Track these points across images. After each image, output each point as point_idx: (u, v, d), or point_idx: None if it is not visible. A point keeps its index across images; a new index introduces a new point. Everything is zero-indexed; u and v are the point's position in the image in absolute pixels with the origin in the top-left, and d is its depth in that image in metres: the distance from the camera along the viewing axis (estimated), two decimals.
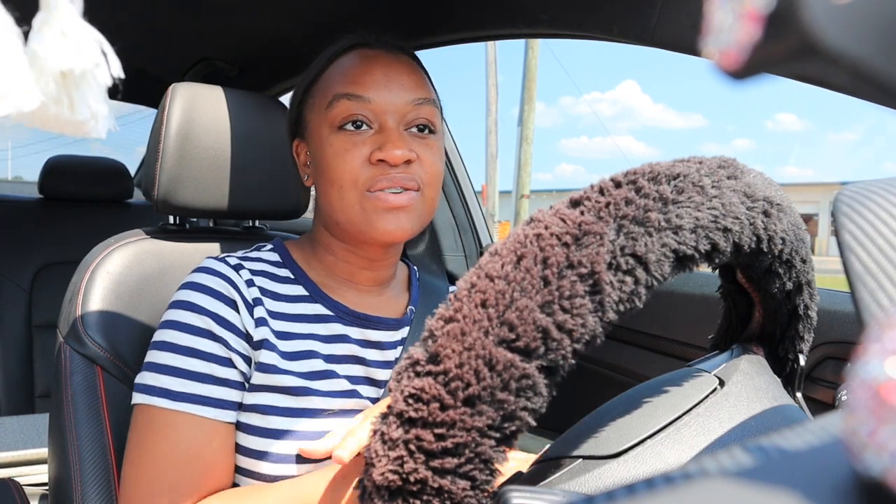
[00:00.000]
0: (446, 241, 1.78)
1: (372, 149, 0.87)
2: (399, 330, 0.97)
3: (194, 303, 0.84)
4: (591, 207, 0.40)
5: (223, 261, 0.89)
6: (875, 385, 0.17)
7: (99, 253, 1.08)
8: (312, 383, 0.86)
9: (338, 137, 0.89)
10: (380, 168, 0.87)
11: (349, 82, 0.90)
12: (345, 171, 0.87)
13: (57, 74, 0.33)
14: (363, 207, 0.87)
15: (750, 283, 0.58)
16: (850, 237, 0.30)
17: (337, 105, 0.89)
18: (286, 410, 0.84)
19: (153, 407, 0.81)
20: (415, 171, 0.89)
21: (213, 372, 0.82)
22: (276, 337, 0.87)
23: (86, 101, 0.34)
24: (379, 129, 0.89)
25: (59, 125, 0.34)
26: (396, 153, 0.86)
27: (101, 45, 0.34)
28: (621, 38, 1.07)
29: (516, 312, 0.36)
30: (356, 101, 0.88)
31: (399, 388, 0.38)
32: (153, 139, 1.10)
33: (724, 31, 0.19)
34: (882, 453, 0.17)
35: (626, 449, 0.45)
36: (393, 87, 0.90)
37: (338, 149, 0.88)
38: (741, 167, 0.48)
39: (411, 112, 0.90)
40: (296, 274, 0.94)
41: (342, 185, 0.88)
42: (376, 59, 0.92)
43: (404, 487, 0.36)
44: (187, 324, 0.83)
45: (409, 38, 1.59)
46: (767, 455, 0.20)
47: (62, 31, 0.32)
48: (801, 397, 0.63)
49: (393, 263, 0.98)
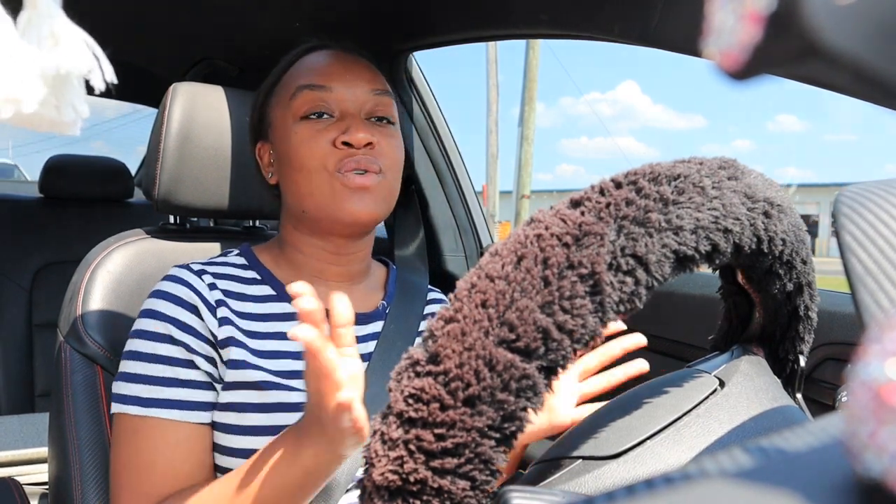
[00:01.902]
0: (446, 242, 1.77)
1: (336, 134, 0.91)
2: (369, 324, 0.99)
3: (155, 310, 0.87)
4: (592, 208, 0.40)
5: (186, 267, 0.92)
6: (875, 386, 0.17)
7: (99, 252, 1.08)
8: (285, 381, 0.87)
9: (302, 126, 0.93)
10: (345, 150, 0.91)
11: (312, 74, 0.95)
12: (312, 155, 0.91)
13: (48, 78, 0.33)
14: (332, 188, 0.90)
15: (750, 284, 0.58)
16: (850, 238, 0.30)
17: (300, 96, 0.94)
18: (261, 406, 0.85)
19: (126, 415, 0.83)
20: (376, 155, 0.93)
21: (177, 375, 0.84)
22: (245, 336, 0.89)
23: (71, 102, 0.34)
24: (340, 117, 0.94)
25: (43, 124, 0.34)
26: (359, 135, 0.90)
27: (90, 46, 0.34)
28: (622, 38, 1.06)
29: (516, 313, 0.36)
30: (318, 91, 0.93)
31: (399, 388, 0.38)
32: (154, 139, 1.10)
33: (724, 31, 0.19)
34: (882, 454, 0.17)
35: (626, 449, 0.45)
36: (353, 78, 0.95)
37: (303, 136, 0.92)
38: (742, 168, 0.48)
39: (370, 101, 0.95)
40: (262, 275, 0.97)
41: (310, 169, 0.91)
42: (336, 56, 0.98)
43: (404, 487, 0.36)
44: (149, 331, 0.86)
45: (410, 39, 1.59)
46: (767, 456, 0.20)
47: (51, 33, 0.32)
48: (802, 398, 0.63)
49: (363, 258, 1.01)
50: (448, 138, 1.75)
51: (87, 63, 0.34)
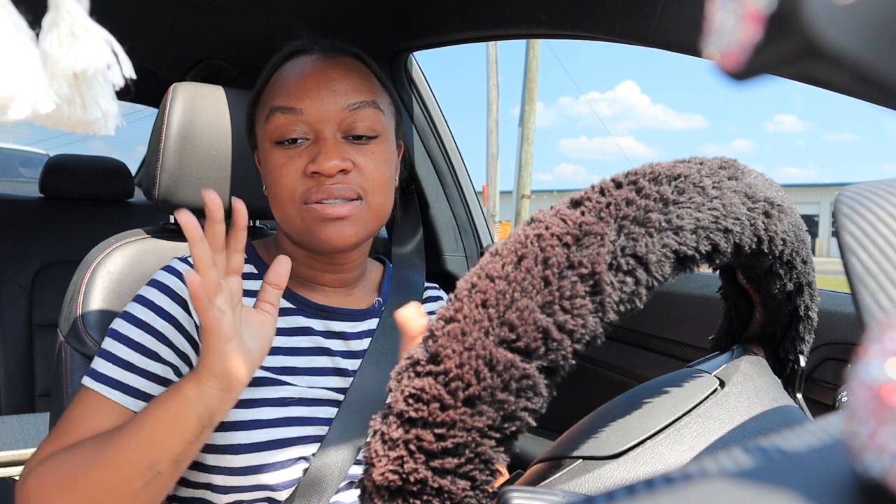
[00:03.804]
0: (447, 242, 1.77)
1: (307, 161, 0.87)
2: (364, 321, 0.98)
3: (144, 296, 0.86)
4: (592, 208, 0.40)
5: (184, 260, 0.91)
6: (875, 386, 0.17)
7: (99, 252, 1.08)
8: (278, 377, 0.87)
9: (276, 152, 0.90)
10: (315, 180, 0.87)
11: (283, 94, 0.90)
12: (283, 185, 0.88)
13: (69, 76, 0.33)
14: (303, 219, 0.87)
15: (750, 284, 0.58)
16: (850, 238, 0.30)
17: (272, 120, 0.90)
18: (250, 402, 0.85)
19: (91, 389, 0.82)
20: (352, 181, 0.88)
21: (145, 365, 0.83)
22: None
23: (97, 100, 0.34)
24: (314, 140, 0.89)
25: (72, 125, 0.34)
26: (329, 164, 0.85)
27: (111, 44, 0.34)
28: (623, 38, 1.06)
29: (517, 313, 0.36)
30: (289, 115, 0.88)
31: (399, 388, 0.38)
32: (154, 138, 1.10)
33: (725, 31, 0.19)
34: (882, 454, 0.17)
35: (626, 449, 0.45)
36: (325, 94, 0.89)
37: (276, 163, 0.89)
38: (742, 168, 0.48)
39: (347, 118, 0.89)
40: (260, 269, 0.96)
41: (282, 200, 0.89)
42: (312, 67, 0.91)
43: (404, 487, 0.36)
44: (131, 314, 0.85)
45: (410, 38, 1.59)
46: (767, 456, 0.20)
47: (72, 32, 0.32)
48: (802, 398, 0.63)
49: (358, 265, 0.99)
50: (448, 138, 1.75)
51: (106, 60, 0.34)
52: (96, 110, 0.34)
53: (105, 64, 0.34)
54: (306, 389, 0.88)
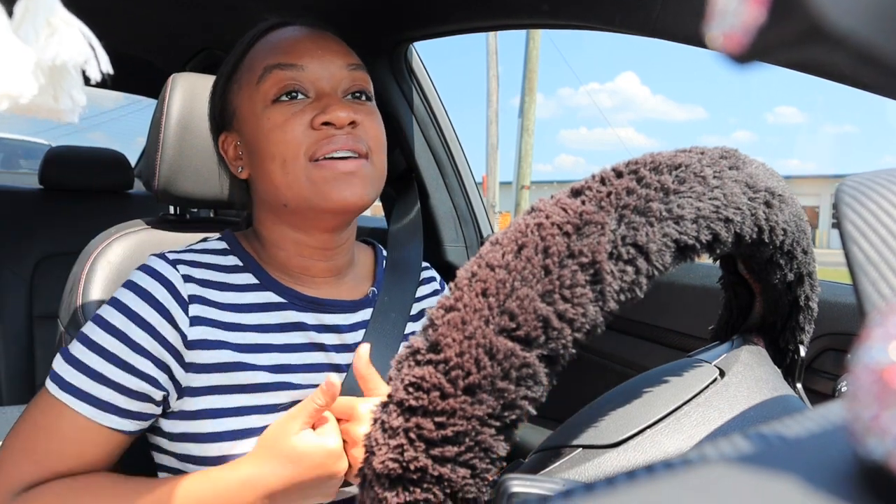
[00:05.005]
0: (447, 232, 1.77)
1: (313, 115, 0.84)
2: (357, 312, 0.94)
3: (119, 299, 0.82)
4: (593, 197, 0.40)
5: (161, 257, 0.86)
6: (878, 369, 0.17)
7: (99, 243, 1.08)
8: (275, 376, 0.84)
9: (274, 110, 0.84)
10: (324, 131, 0.83)
11: (280, 53, 0.86)
12: (287, 141, 0.83)
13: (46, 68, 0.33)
14: (311, 179, 0.82)
15: (751, 274, 0.58)
16: (852, 227, 0.30)
17: (269, 77, 0.85)
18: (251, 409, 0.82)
19: (45, 389, 0.79)
20: (360, 135, 0.85)
21: (114, 376, 0.78)
22: (225, 330, 0.83)
23: (69, 91, 0.34)
24: (317, 97, 0.86)
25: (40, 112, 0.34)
26: (341, 114, 0.83)
27: (87, 36, 0.34)
28: (623, 28, 1.06)
29: (517, 301, 0.36)
30: (290, 70, 0.85)
31: (399, 376, 0.38)
32: (153, 129, 1.10)
33: (728, 13, 0.19)
34: (885, 438, 0.17)
35: (626, 438, 0.45)
36: (325, 54, 0.87)
37: (276, 121, 0.84)
38: (743, 158, 0.48)
39: (346, 78, 0.88)
40: (245, 261, 0.91)
41: (285, 158, 0.83)
42: (304, 32, 0.89)
43: (404, 475, 0.36)
44: (105, 319, 0.81)
45: (411, 29, 1.58)
46: (768, 441, 0.20)
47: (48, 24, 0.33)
48: (802, 388, 0.63)
49: (347, 248, 0.94)
50: (448, 129, 1.75)
51: (83, 53, 0.34)
52: (67, 101, 0.34)
53: (83, 58, 0.34)
54: (302, 391, 0.85)
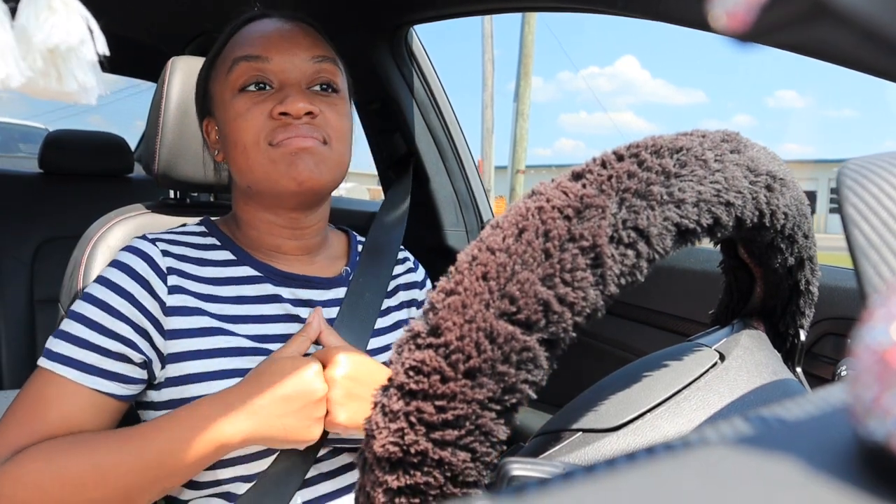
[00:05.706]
0: (447, 216, 1.77)
1: (273, 105, 0.88)
2: (331, 290, 0.98)
3: (104, 276, 0.87)
4: (594, 180, 0.40)
5: (143, 237, 0.91)
6: (880, 350, 0.17)
7: (100, 227, 1.08)
8: (259, 345, 0.87)
9: (240, 99, 0.90)
10: (281, 121, 0.88)
11: (248, 45, 0.92)
12: (247, 128, 0.88)
13: (44, 51, 0.33)
14: (270, 159, 0.88)
15: (751, 258, 0.58)
16: (853, 210, 0.30)
17: (237, 68, 0.91)
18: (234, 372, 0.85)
19: (47, 370, 0.83)
20: (319, 125, 0.89)
21: (88, 337, 0.83)
22: (204, 301, 0.88)
23: (73, 74, 0.34)
24: (280, 88, 0.90)
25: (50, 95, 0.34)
26: (298, 105, 0.87)
27: (88, 20, 0.34)
28: (626, 11, 1.05)
29: (517, 285, 0.36)
30: (255, 62, 0.90)
31: (400, 360, 0.38)
32: (153, 113, 1.10)
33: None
34: (886, 418, 0.17)
35: (626, 422, 0.45)
36: (291, 47, 0.92)
37: (240, 109, 0.90)
38: (744, 141, 0.48)
39: (311, 69, 0.92)
40: (222, 241, 0.96)
41: (246, 144, 0.88)
42: (275, 25, 0.94)
43: (405, 459, 0.36)
44: (90, 294, 0.85)
45: (411, 12, 1.57)
46: (768, 424, 0.20)
47: (49, 7, 0.32)
48: (801, 372, 0.63)
49: (318, 231, 0.99)
50: (449, 112, 1.74)
51: (78, 36, 0.34)
52: (72, 83, 0.35)
53: (79, 40, 0.34)
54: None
